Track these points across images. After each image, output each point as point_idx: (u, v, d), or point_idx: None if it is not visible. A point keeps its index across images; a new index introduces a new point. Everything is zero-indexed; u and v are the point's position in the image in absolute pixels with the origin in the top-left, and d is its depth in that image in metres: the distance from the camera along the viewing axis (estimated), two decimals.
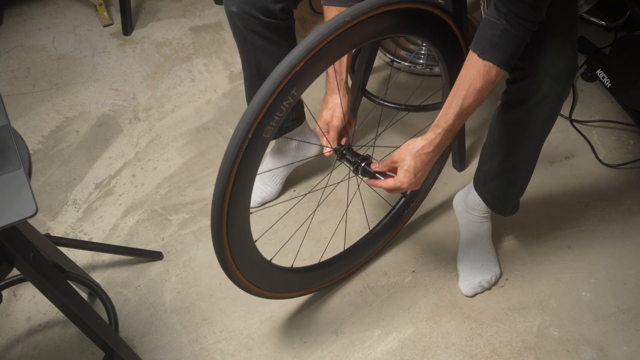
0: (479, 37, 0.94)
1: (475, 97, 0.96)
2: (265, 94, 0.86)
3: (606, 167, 1.65)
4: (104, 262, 1.44)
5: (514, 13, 0.89)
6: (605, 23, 2.04)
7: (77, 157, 1.69)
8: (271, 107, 0.87)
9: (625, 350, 1.27)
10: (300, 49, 0.85)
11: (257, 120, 0.86)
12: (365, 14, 0.89)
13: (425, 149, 0.97)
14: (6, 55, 2.02)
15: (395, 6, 0.93)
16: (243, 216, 0.99)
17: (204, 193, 1.59)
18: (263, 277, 1.13)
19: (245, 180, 0.93)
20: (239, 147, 0.87)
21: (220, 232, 0.94)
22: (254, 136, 0.87)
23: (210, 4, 2.25)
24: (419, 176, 0.98)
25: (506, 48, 0.92)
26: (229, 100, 1.86)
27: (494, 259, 1.40)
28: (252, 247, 1.06)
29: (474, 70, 0.95)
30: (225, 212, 0.92)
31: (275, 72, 0.86)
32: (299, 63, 0.86)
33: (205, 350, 1.28)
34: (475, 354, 1.27)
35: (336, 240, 1.44)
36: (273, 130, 0.90)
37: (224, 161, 0.88)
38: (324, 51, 0.88)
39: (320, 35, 0.86)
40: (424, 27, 1.04)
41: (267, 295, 1.17)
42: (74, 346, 1.29)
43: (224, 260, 1.00)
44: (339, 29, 0.87)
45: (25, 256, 0.84)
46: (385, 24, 0.95)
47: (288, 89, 0.87)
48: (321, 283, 1.32)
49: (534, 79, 1.01)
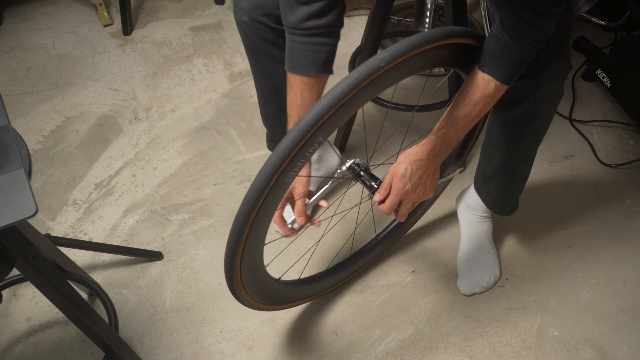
0: (483, 50, 0.94)
1: (471, 109, 0.95)
2: (292, 142, 0.81)
3: (606, 167, 1.65)
4: (104, 262, 1.44)
5: (517, 30, 0.88)
6: (605, 23, 2.04)
7: (77, 157, 1.69)
8: (296, 155, 0.83)
9: (625, 350, 1.27)
10: (331, 97, 0.80)
11: (280, 168, 0.83)
12: (401, 57, 0.83)
13: (419, 155, 0.96)
14: (6, 55, 2.02)
15: (432, 45, 0.87)
16: (258, 252, 0.98)
17: (203, 193, 1.59)
18: (272, 295, 1.14)
19: (263, 222, 0.91)
20: (260, 194, 0.84)
21: (233, 266, 0.93)
22: (275, 183, 0.84)
23: (210, 4, 2.25)
24: (414, 182, 0.97)
25: (507, 63, 0.92)
26: (229, 100, 1.86)
27: (494, 259, 1.40)
28: (262, 273, 1.05)
29: (473, 81, 0.95)
30: (240, 252, 0.91)
31: (303, 120, 0.80)
32: (328, 111, 0.80)
33: (205, 350, 1.28)
34: (475, 354, 1.27)
35: (339, 245, 1.44)
36: (295, 174, 0.88)
37: (243, 207, 0.85)
38: (355, 97, 0.82)
39: (353, 82, 0.80)
40: (457, 58, 0.98)
41: (274, 309, 1.18)
42: (74, 346, 1.29)
43: (234, 289, 0.99)
44: (372, 76, 0.81)
45: (25, 256, 0.84)
46: (420, 62, 0.90)
47: (315, 137, 0.83)
48: (326, 289, 1.33)
49: (530, 78, 1.01)
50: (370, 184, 1.03)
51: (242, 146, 1.72)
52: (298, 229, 1.18)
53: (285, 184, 0.88)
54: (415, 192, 0.98)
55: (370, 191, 1.03)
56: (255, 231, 0.90)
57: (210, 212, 1.55)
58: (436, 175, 1.01)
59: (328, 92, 0.80)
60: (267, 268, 1.08)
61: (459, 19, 1.29)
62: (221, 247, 1.47)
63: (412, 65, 0.88)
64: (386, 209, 0.98)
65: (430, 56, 0.90)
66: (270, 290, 1.12)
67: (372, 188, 1.02)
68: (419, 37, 0.84)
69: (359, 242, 1.41)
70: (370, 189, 1.03)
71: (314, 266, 1.41)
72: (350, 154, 1.67)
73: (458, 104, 0.96)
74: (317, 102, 0.80)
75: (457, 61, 0.98)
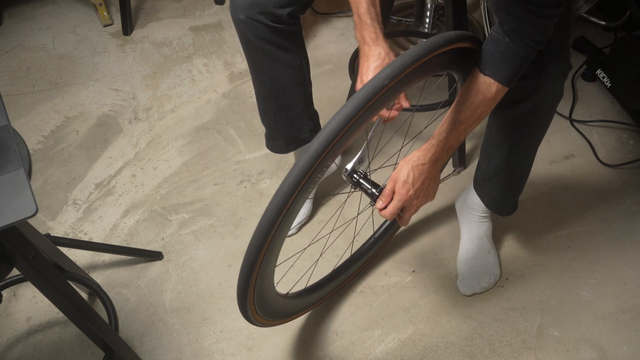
0: (483, 52, 0.94)
1: (472, 112, 0.95)
2: (300, 172, 0.80)
3: (606, 167, 1.65)
4: (104, 262, 1.44)
5: (517, 32, 0.88)
6: (605, 23, 2.04)
7: (77, 157, 1.69)
8: (307, 182, 0.82)
9: (625, 350, 1.27)
10: (336, 122, 0.78)
11: (291, 199, 0.81)
12: (404, 72, 0.81)
13: (421, 160, 0.96)
14: (6, 55, 2.02)
15: (432, 54, 0.86)
16: (270, 275, 0.97)
17: (204, 193, 1.59)
18: (280, 311, 1.13)
19: (275, 248, 0.90)
20: (272, 225, 0.82)
21: (247, 296, 0.93)
22: (287, 212, 0.83)
23: (210, 4, 2.25)
24: (417, 187, 0.96)
25: (508, 65, 0.92)
26: (229, 100, 1.86)
27: (494, 259, 1.40)
28: (273, 292, 1.04)
29: (474, 84, 0.94)
30: (253, 281, 0.90)
31: (311, 148, 0.79)
32: (335, 137, 0.78)
33: (205, 350, 1.28)
34: (475, 354, 1.27)
35: (338, 247, 1.44)
36: (305, 199, 0.87)
37: (256, 237, 0.83)
38: (361, 118, 0.80)
39: (358, 104, 0.78)
40: (455, 62, 0.96)
41: (282, 323, 1.17)
42: (74, 346, 1.29)
43: (248, 315, 0.99)
44: (376, 95, 0.79)
45: (25, 256, 0.84)
46: (421, 72, 0.89)
47: (324, 163, 0.82)
48: (329, 293, 1.33)
49: (530, 79, 1.01)
50: (372, 191, 1.02)
51: (242, 146, 1.72)
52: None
53: (296, 210, 0.87)
54: (419, 198, 0.98)
55: (372, 199, 1.02)
56: (268, 258, 0.89)
57: (210, 212, 1.55)
58: (437, 179, 1.01)
59: (333, 116, 0.79)
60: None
61: (459, 19, 1.28)
62: (221, 246, 1.47)
63: (415, 76, 0.87)
64: (388, 215, 0.98)
65: (430, 64, 0.89)
66: (279, 306, 1.12)
67: (374, 195, 1.01)
68: (419, 49, 0.83)
69: (358, 242, 1.41)
70: (372, 197, 1.02)
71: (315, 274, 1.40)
72: (351, 153, 1.66)
73: (459, 107, 0.95)
74: (324, 127, 0.79)
75: (454, 65, 0.97)
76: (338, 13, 2.19)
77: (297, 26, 1.21)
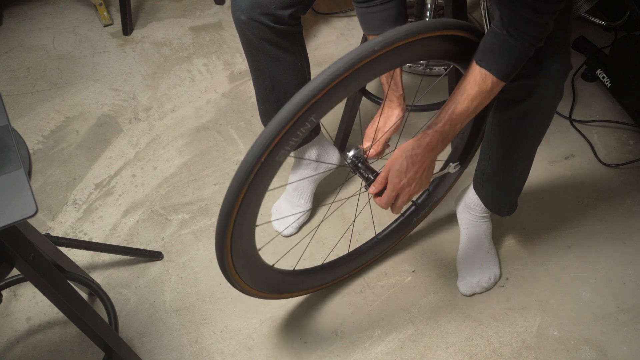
0: (481, 44, 0.94)
1: (468, 104, 0.95)
2: (284, 119, 0.82)
3: (606, 167, 1.65)
4: (104, 262, 1.44)
5: (516, 26, 0.89)
6: (605, 23, 2.04)
7: (77, 157, 1.69)
8: (288, 132, 0.84)
9: (625, 350, 1.27)
10: (324, 76, 0.80)
11: (272, 144, 0.83)
12: (395, 43, 0.83)
13: (415, 150, 0.97)
14: (6, 55, 2.02)
15: (427, 34, 0.87)
16: (249, 231, 0.98)
17: (204, 193, 1.59)
18: (264, 281, 1.14)
19: (253, 200, 0.91)
20: (251, 169, 0.84)
21: (224, 243, 0.94)
22: (267, 159, 0.85)
23: (210, 4, 2.25)
24: (410, 176, 0.98)
25: (505, 59, 0.92)
26: (229, 100, 1.86)
27: (494, 259, 1.40)
28: (254, 256, 1.06)
29: (471, 76, 0.95)
30: (230, 228, 0.91)
31: (295, 98, 0.81)
32: (320, 91, 0.81)
33: (205, 350, 1.28)
34: (475, 354, 1.27)
35: (340, 244, 1.44)
36: (287, 153, 0.88)
37: (234, 182, 0.86)
38: (349, 79, 0.83)
39: (346, 64, 0.80)
40: (455, 52, 0.98)
41: (266, 297, 1.18)
42: (74, 346, 1.29)
43: (225, 268, 0.99)
44: (366, 59, 0.81)
45: (25, 256, 0.84)
46: (416, 51, 0.90)
47: (307, 116, 0.84)
48: (322, 284, 1.33)
49: (529, 78, 1.01)
50: (367, 175, 1.05)
51: (242, 146, 1.72)
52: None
53: (277, 163, 0.88)
54: (412, 186, 1.00)
55: (367, 182, 1.05)
56: (245, 207, 0.90)
57: (210, 212, 1.55)
58: (432, 169, 1.02)
59: (320, 72, 0.81)
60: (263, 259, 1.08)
61: (459, 19, 1.29)
62: None
63: (407, 53, 0.88)
64: (383, 203, 1.01)
65: (426, 46, 0.91)
66: (264, 276, 1.12)
67: (369, 180, 1.04)
68: (415, 25, 0.86)
69: (359, 241, 1.41)
70: (367, 181, 1.05)
71: (312, 259, 1.41)
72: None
73: (456, 98, 0.96)
74: (309, 82, 0.81)
75: (455, 55, 0.98)
76: (338, 13, 2.20)
77: (298, 27, 1.21)
